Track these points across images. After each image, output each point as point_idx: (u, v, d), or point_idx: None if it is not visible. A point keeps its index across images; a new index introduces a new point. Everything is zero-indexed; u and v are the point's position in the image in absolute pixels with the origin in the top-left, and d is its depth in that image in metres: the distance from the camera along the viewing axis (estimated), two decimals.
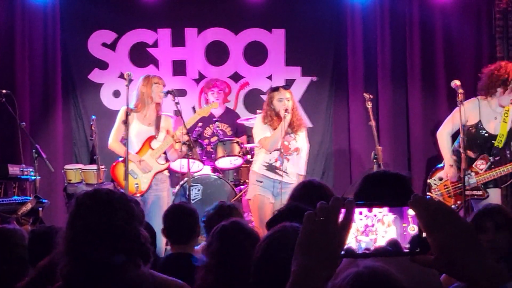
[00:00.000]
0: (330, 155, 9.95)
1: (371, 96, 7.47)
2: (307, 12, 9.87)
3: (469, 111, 6.86)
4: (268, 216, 6.53)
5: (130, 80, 7.19)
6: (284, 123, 7.07)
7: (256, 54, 10.00)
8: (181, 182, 8.13)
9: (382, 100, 9.81)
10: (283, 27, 9.96)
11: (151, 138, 7.37)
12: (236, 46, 10.00)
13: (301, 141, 7.37)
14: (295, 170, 7.29)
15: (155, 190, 7.30)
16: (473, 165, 6.81)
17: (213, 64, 9.99)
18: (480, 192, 6.78)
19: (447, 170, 6.91)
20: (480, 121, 6.84)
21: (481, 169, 6.79)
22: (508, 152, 6.86)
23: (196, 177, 8.19)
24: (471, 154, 6.80)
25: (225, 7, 9.95)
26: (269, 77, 9.96)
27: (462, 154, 6.58)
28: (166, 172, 7.46)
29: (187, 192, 7.59)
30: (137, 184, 7.26)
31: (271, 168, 7.21)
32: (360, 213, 1.63)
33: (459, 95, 6.65)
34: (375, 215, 1.64)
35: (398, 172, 3.62)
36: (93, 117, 8.08)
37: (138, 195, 7.09)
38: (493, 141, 6.79)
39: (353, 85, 9.85)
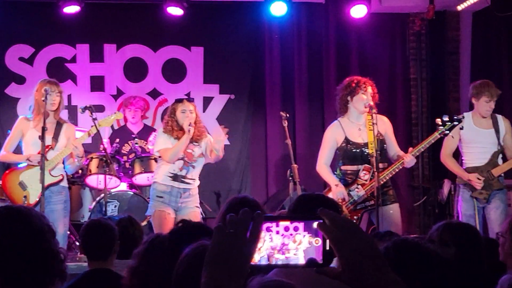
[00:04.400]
0: (247, 172, 10.12)
1: (287, 115, 7.65)
2: (226, 30, 10.05)
3: (335, 133, 7.24)
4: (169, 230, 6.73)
5: (47, 96, 7.09)
6: (187, 137, 7.02)
7: (174, 71, 10.10)
8: (98, 198, 8.16)
9: (299, 119, 10.08)
10: (202, 45, 10.10)
11: (46, 148, 7.05)
12: (155, 63, 10.09)
13: (203, 144, 7.32)
14: (197, 175, 7.33)
15: (48, 203, 7.01)
16: (357, 179, 7.09)
17: (131, 81, 10.05)
18: (372, 202, 7.03)
19: (334, 191, 7.09)
20: (346, 137, 7.18)
21: (366, 180, 7.06)
22: (386, 155, 7.21)
23: (112, 193, 8.20)
24: (350, 168, 7.16)
25: (144, 24, 10.01)
26: (188, 94, 9.99)
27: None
28: (64, 184, 7.25)
29: (104, 208, 7.70)
30: (25, 196, 7.07)
31: (176, 177, 7.16)
32: (277, 232, 1.66)
33: (372, 115, 6.99)
34: (291, 234, 1.67)
35: (329, 197, 3.86)
36: (9, 131, 7.83)
37: None
38: (366, 150, 7.09)
39: (270, 103, 10.10)
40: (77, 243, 7.59)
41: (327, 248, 1.66)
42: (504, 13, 9.48)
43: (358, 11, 9.50)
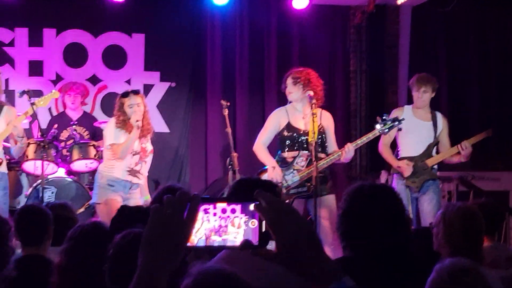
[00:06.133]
0: (186, 160, 10.13)
1: (227, 104, 7.73)
2: (168, 18, 10.00)
3: (279, 117, 7.32)
4: None
5: None
6: (136, 132, 7.00)
7: (115, 58, 10.04)
8: (35, 184, 8.11)
9: (239, 108, 10.15)
10: (143, 32, 10.06)
11: None
12: (95, 48, 10.00)
13: (150, 144, 7.40)
14: (146, 171, 7.43)
15: None
16: (294, 164, 7.16)
17: (71, 66, 9.95)
18: (305, 188, 7.09)
19: (270, 172, 7.13)
20: (289, 122, 7.26)
21: (302, 166, 7.13)
22: (325, 146, 7.28)
23: (50, 180, 8.16)
24: (290, 154, 7.23)
25: (85, 9, 9.90)
26: (128, 81, 10.02)
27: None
28: (3, 169, 7.27)
29: (40, 195, 7.64)
30: None
31: (133, 172, 7.20)
32: (215, 214, 1.70)
33: (312, 105, 7.07)
34: (228, 216, 1.71)
35: (271, 181, 3.88)
36: None
37: None
38: (305, 137, 7.16)
39: (211, 92, 10.13)
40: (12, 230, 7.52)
41: (263, 230, 1.69)
42: (442, 8, 9.69)
43: (300, 2, 9.59)
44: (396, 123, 7.28)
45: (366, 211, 3.17)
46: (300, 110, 7.32)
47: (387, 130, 7.26)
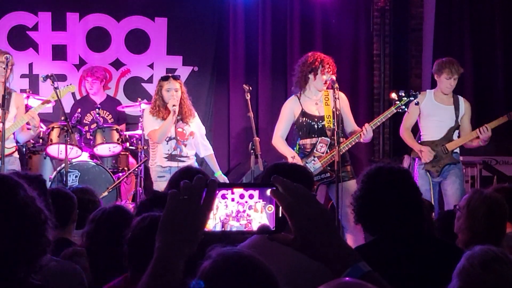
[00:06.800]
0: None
1: (250, 88, 7.71)
2: (190, 1, 10.02)
3: (293, 106, 7.34)
4: None
5: (8, 63, 7.09)
6: (172, 117, 7.17)
7: (138, 42, 10.06)
8: (58, 168, 8.13)
9: (262, 92, 10.13)
10: (166, 16, 10.05)
11: None
12: (118, 33, 10.03)
13: (194, 126, 7.55)
14: (192, 152, 7.53)
15: None
16: (314, 151, 7.18)
17: (94, 50, 9.98)
18: (328, 174, 7.11)
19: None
20: (302, 109, 7.27)
21: (322, 152, 7.14)
22: (343, 129, 7.25)
23: (73, 163, 8.18)
24: (308, 141, 7.24)
25: None
26: (151, 66, 10.06)
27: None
28: (16, 154, 7.35)
29: (64, 178, 7.71)
30: None
31: (172, 157, 7.35)
32: (232, 199, 1.70)
33: (335, 89, 7.01)
34: (246, 202, 1.71)
35: (300, 164, 3.86)
36: None
37: None
38: (323, 123, 7.17)
39: (234, 76, 10.13)
40: None
41: (280, 215, 1.70)
42: None
43: None
44: (412, 98, 7.22)
45: (382, 195, 3.17)
46: (311, 97, 7.34)
47: (403, 106, 7.22)
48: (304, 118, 7.29)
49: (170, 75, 7.56)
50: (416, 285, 3.08)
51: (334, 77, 7.13)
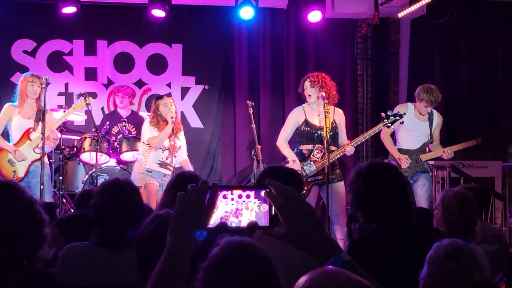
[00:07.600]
0: (218, 151, 10.16)
1: (252, 103, 7.76)
2: (202, 30, 10.01)
3: (298, 115, 7.31)
4: (156, 201, 6.84)
5: (48, 84, 7.15)
6: (170, 125, 7.26)
7: (157, 65, 10.07)
8: (90, 172, 8.16)
9: (263, 107, 10.13)
10: (181, 43, 10.08)
11: (29, 130, 7.25)
12: (140, 57, 10.05)
13: (182, 139, 7.59)
14: (177, 165, 7.51)
15: (35, 176, 7.16)
16: (310, 156, 7.15)
17: (120, 72, 10.01)
18: (320, 177, 7.08)
19: (291, 165, 7.06)
20: (306, 118, 7.24)
21: (317, 158, 7.12)
22: (337, 140, 7.26)
23: (103, 168, 8.19)
24: (307, 147, 7.22)
25: (132, 23, 9.95)
26: (168, 85, 10.08)
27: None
28: (45, 160, 7.25)
29: (95, 181, 7.70)
30: (14, 171, 7.17)
31: (163, 165, 7.37)
32: (232, 199, 1.70)
33: (324, 104, 7.02)
34: (243, 201, 1.71)
35: (293, 168, 3.81)
36: None
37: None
38: (320, 132, 7.12)
39: (239, 93, 10.12)
40: (72, 210, 7.59)
41: (273, 213, 1.70)
42: (437, 20, 9.60)
43: (315, 16, 9.52)
44: (398, 118, 7.20)
45: (373, 191, 3.11)
46: (315, 108, 7.30)
47: (390, 124, 7.20)
48: (306, 128, 7.27)
49: (163, 94, 7.67)
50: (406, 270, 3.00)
51: (324, 94, 7.11)
